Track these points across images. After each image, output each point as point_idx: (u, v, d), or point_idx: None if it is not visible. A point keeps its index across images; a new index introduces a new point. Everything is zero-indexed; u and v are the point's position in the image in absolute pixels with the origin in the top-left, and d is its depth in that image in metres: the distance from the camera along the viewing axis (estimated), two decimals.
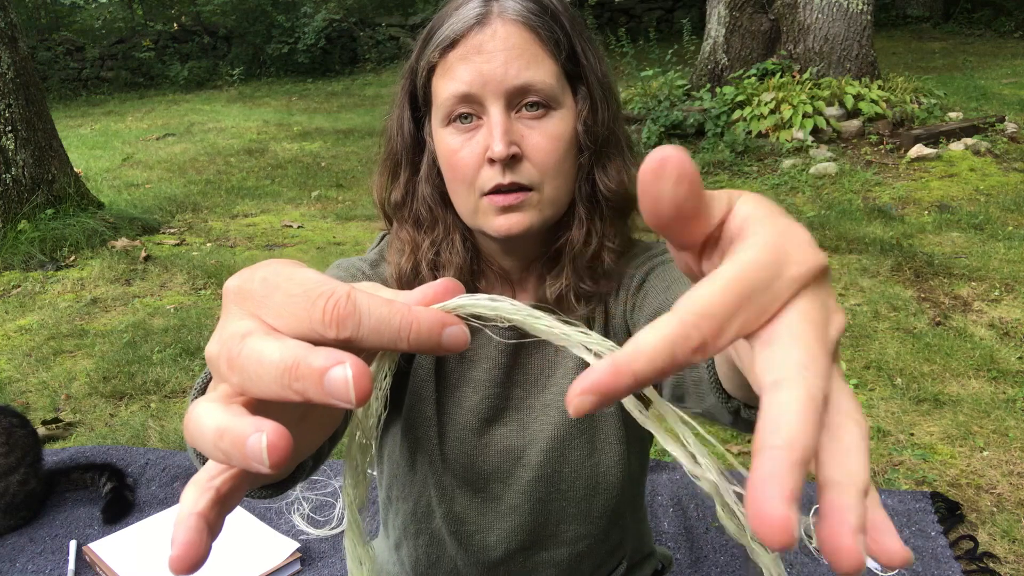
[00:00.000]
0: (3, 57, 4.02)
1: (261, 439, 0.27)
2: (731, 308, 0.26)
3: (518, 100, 0.79)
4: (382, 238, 0.97)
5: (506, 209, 0.79)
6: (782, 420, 0.24)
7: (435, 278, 0.86)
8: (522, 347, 0.91)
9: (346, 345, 0.29)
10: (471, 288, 0.88)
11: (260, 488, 0.64)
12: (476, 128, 0.80)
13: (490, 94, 0.77)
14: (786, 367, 0.25)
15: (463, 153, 0.80)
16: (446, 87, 0.79)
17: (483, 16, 0.78)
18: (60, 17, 12.70)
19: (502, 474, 0.91)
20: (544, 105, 0.79)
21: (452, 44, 0.79)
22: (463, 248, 0.87)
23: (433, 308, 0.32)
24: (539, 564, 0.95)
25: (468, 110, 0.79)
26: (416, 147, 0.89)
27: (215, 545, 0.30)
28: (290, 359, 0.28)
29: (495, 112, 0.78)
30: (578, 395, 0.26)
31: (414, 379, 0.91)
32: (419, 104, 0.87)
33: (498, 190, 0.79)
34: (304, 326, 0.30)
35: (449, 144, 0.81)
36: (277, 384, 0.28)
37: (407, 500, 0.96)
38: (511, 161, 0.78)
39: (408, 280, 0.87)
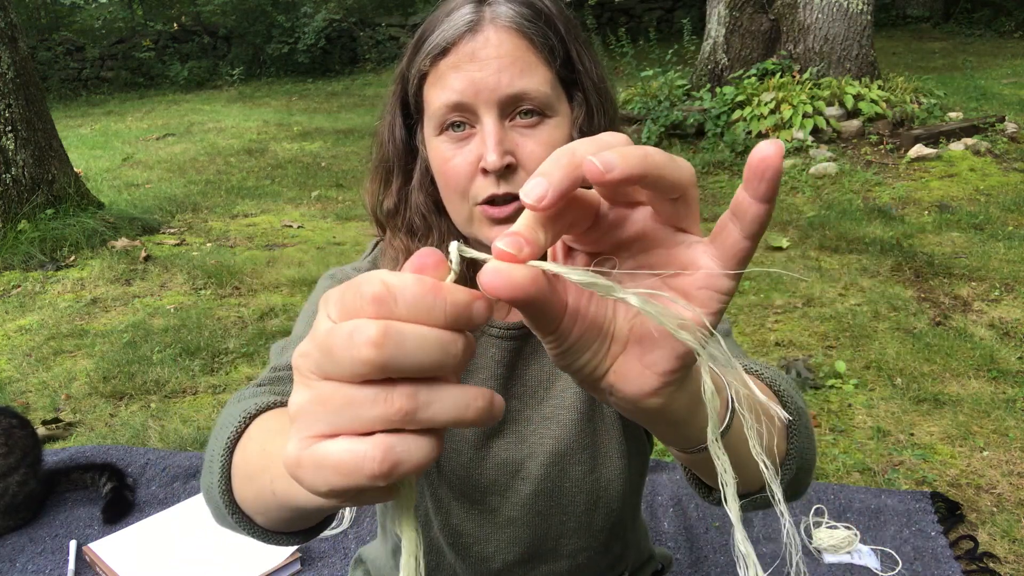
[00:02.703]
0: (3, 57, 4.02)
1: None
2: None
3: (512, 108, 0.77)
4: (375, 245, 0.95)
5: (502, 221, 0.77)
6: None
7: None
8: (519, 358, 0.90)
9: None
10: None
11: (297, 533, 0.64)
12: (469, 137, 0.78)
13: (483, 103, 0.75)
14: None
15: (456, 162, 0.78)
16: (438, 96, 0.77)
17: (475, 23, 0.76)
18: (60, 17, 12.70)
19: (499, 487, 0.90)
20: (539, 113, 0.77)
21: (443, 52, 0.77)
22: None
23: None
24: None
25: (461, 119, 0.77)
26: (408, 154, 0.87)
27: (215, 545, 0.30)
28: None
29: (488, 121, 0.76)
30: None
31: None
32: (411, 111, 0.85)
33: (492, 200, 0.77)
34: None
35: (442, 153, 0.79)
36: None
37: None
38: (505, 171, 0.76)
39: None
